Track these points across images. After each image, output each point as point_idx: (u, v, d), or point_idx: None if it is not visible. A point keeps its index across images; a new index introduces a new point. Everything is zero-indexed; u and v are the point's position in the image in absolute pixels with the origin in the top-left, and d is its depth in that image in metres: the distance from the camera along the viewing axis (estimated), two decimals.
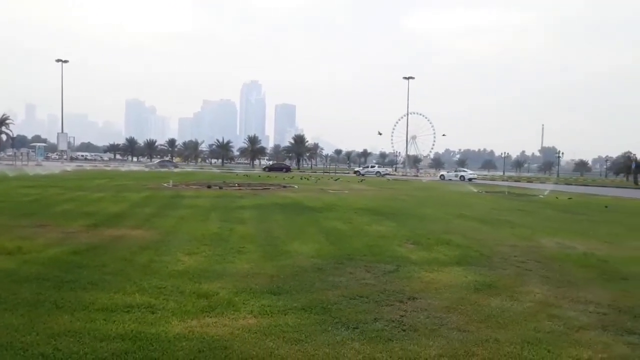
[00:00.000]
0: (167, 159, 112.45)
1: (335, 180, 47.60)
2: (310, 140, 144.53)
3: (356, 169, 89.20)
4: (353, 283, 6.91)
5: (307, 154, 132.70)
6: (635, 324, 5.43)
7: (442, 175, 70.59)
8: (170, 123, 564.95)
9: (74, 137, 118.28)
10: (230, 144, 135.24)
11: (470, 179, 62.20)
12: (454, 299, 6.22)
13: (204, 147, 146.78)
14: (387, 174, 75.97)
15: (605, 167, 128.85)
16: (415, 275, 7.53)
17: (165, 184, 28.42)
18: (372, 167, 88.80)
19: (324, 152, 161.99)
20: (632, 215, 20.00)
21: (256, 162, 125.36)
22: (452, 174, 68.67)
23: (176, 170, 64.36)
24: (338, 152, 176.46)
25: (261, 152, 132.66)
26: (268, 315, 5.39)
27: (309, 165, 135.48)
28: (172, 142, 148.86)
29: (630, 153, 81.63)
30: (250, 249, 9.24)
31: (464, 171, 71.13)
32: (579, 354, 4.47)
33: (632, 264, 8.72)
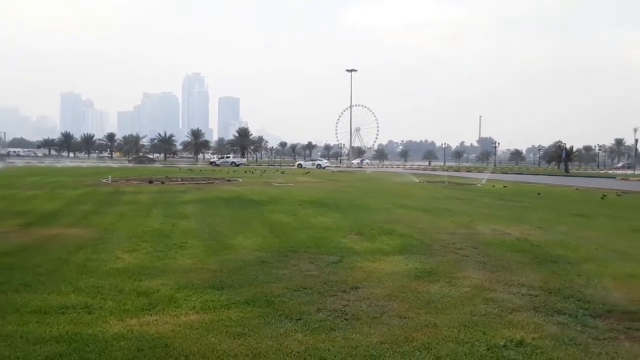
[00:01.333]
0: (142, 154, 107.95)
1: (282, 173, 47.51)
2: (254, 133, 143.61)
3: (212, 159, 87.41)
4: (297, 275, 6.94)
5: (252, 147, 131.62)
6: (564, 304, 5.74)
7: (299, 164, 78.17)
8: (109, 117, 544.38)
9: (4, 133, 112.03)
10: (173, 138, 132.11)
11: (323, 167, 72.45)
12: (395, 287, 6.37)
13: (145, 141, 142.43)
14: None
15: (538, 156, 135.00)
16: (359, 265, 7.65)
17: (104, 180, 27.46)
18: (227, 157, 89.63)
19: (269, 145, 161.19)
20: (561, 201, 21.08)
21: (200, 155, 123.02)
22: (309, 163, 79.29)
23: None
24: (283, 144, 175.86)
25: (205, 145, 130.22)
26: (210, 310, 5.33)
27: (254, 158, 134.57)
28: (111, 137, 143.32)
29: (561, 142, 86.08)
30: (193, 244, 9.09)
31: (321, 160, 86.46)
32: (511, 335, 4.68)
33: (561, 248, 9.20)
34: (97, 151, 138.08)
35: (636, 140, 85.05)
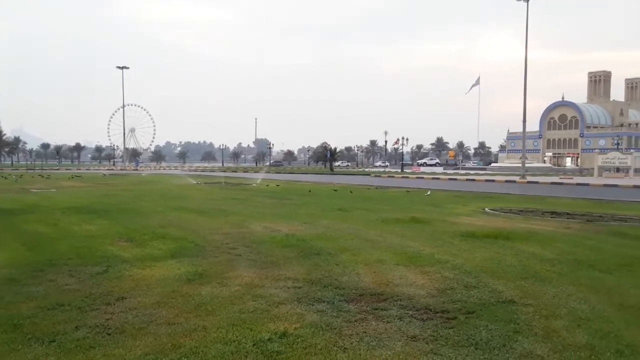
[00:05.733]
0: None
1: (47, 177, 42.44)
2: (9, 133, 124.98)
3: None
4: (53, 291, 6.24)
5: (7, 149, 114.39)
6: (323, 293, 6.26)
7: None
8: None
9: None
10: None
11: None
12: (165, 293, 6.18)
13: None
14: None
15: (308, 156, 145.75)
16: (127, 273, 7.23)
17: None
18: None
19: (27, 147, 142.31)
20: (326, 197, 23.09)
21: None
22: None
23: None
24: (45, 146, 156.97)
25: None
26: None
27: (10, 162, 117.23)
28: None
29: (327, 144, 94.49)
30: None
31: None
32: (276, 328, 4.92)
33: (323, 240, 10.05)
34: None
35: (386, 142, 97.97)
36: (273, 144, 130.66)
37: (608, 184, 37.01)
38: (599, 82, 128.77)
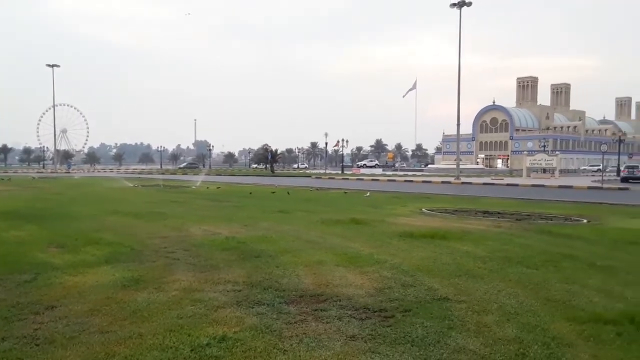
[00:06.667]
0: None
1: None
2: None
3: None
4: None
5: None
6: (264, 295, 6.24)
7: None
8: None
9: None
10: None
11: None
12: (98, 301, 5.97)
13: None
14: None
15: (249, 158, 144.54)
16: (57, 281, 6.92)
17: None
18: None
19: None
20: (267, 199, 23.01)
21: None
22: None
23: None
24: None
25: None
26: None
27: None
28: None
29: (267, 145, 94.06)
30: None
31: None
32: (215, 332, 4.87)
33: (263, 242, 10.02)
34: None
35: (326, 144, 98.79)
36: (213, 146, 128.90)
37: (536, 184, 39.05)
38: (527, 87, 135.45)
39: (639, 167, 48.49)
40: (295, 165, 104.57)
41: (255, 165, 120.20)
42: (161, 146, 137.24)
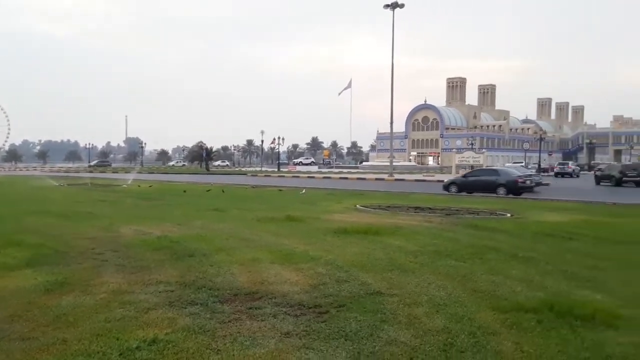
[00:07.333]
0: None
1: None
2: None
3: None
4: None
5: None
6: (197, 295, 6.13)
7: None
8: None
9: None
10: None
11: None
12: (19, 306, 5.64)
13: None
14: None
15: (183, 156, 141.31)
16: None
17: None
18: None
19: None
20: (202, 197, 22.61)
21: None
22: None
23: None
24: None
25: None
26: None
27: None
28: None
29: (202, 143, 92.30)
30: None
31: None
32: (146, 335, 4.72)
33: (197, 241, 9.82)
34: None
35: (262, 141, 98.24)
36: (145, 143, 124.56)
37: None
38: (456, 87, 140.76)
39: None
40: (216, 164, 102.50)
41: (180, 163, 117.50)
42: (90, 143, 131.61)
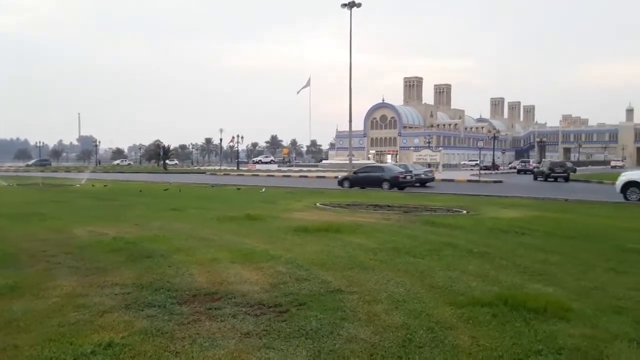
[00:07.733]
0: None
1: None
2: None
3: None
4: None
5: None
6: (155, 297, 6.01)
7: None
8: None
9: None
10: None
11: None
12: None
13: None
14: None
15: (139, 154, 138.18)
16: None
17: None
18: None
19: None
20: (159, 196, 22.17)
21: None
22: None
23: None
24: None
25: None
26: None
27: None
28: None
29: (160, 141, 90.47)
30: None
31: None
32: (101, 339, 4.60)
33: (155, 242, 9.63)
34: None
35: (221, 140, 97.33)
36: (100, 141, 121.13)
37: None
38: (413, 86, 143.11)
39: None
40: (172, 163, 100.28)
41: (126, 162, 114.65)
42: (40, 141, 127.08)
